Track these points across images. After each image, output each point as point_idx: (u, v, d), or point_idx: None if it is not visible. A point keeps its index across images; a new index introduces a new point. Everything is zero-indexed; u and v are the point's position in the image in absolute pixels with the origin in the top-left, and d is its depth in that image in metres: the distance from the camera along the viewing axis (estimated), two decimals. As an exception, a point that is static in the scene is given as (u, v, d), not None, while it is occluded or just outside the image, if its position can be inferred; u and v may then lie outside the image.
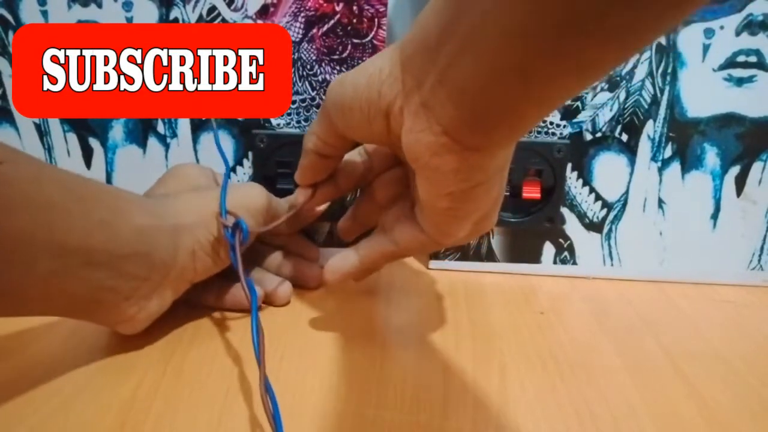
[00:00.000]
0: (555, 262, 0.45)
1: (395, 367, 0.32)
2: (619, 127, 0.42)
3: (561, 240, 0.44)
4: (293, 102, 0.42)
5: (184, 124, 0.43)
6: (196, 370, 0.31)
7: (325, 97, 0.30)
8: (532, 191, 0.42)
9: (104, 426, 0.26)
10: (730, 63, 0.40)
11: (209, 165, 0.41)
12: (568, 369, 0.32)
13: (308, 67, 0.41)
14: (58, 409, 0.27)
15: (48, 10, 0.40)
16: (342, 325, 0.36)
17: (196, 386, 0.29)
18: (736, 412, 0.29)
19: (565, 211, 0.43)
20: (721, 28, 0.39)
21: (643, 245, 0.44)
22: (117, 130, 0.43)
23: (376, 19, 0.40)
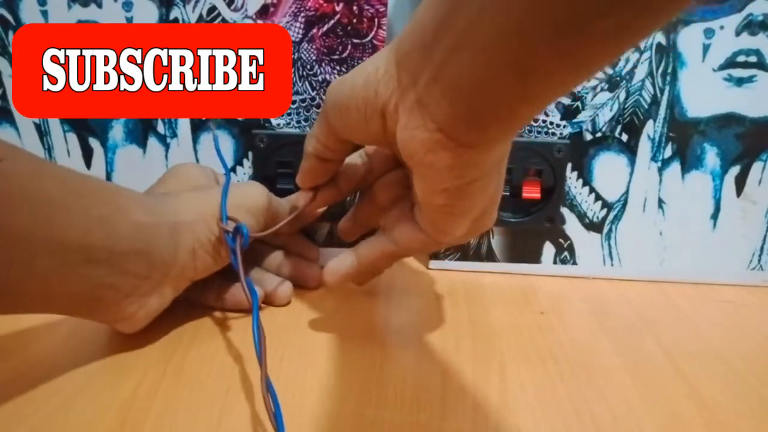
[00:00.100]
0: (555, 262, 0.45)
1: (395, 367, 0.32)
2: (619, 127, 0.42)
3: (561, 240, 0.44)
4: (293, 102, 0.42)
5: (184, 124, 0.43)
6: (196, 370, 0.31)
7: (324, 99, 0.30)
8: (532, 191, 0.42)
9: (104, 426, 0.26)
10: (730, 63, 0.40)
11: (209, 165, 0.41)
12: (568, 369, 0.32)
13: (308, 67, 0.41)
14: (58, 409, 0.27)
15: (48, 10, 0.40)
16: (342, 325, 0.36)
17: (196, 386, 0.29)
18: (736, 412, 0.29)
19: (565, 211, 0.43)
20: (721, 28, 0.39)
21: (643, 245, 0.44)
22: (117, 130, 0.43)
23: (376, 19, 0.40)
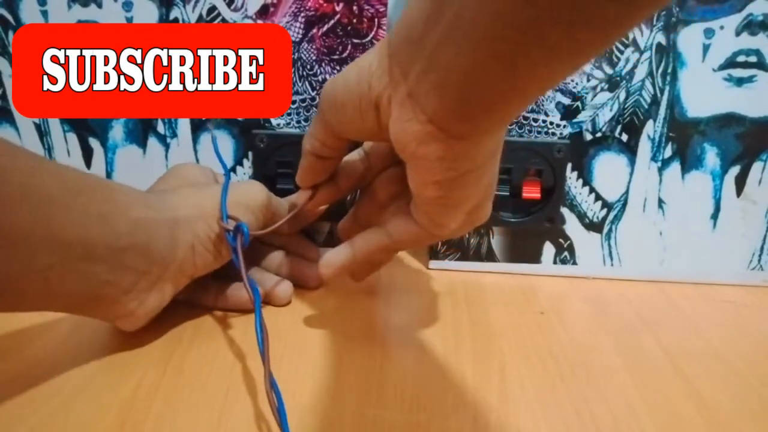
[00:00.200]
0: (555, 262, 0.45)
1: (395, 367, 0.32)
2: (619, 127, 0.42)
3: (561, 240, 0.44)
4: (293, 102, 0.42)
5: (184, 124, 0.43)
6: (197, 370, 0.31)
7: (319, 98, 0.30)
8: (532, 191, 0.42)
9: (104, 425, 0.26)
10: (730, 63, 0.40)
11: (209, 165, 0.41)
12: (568, 369, 0.32)
13: (308, 67, 0.41)
14: (58, 409, 0.27)
15: (48, 10, 0.40)
16: (342, 325, 0.36)
17: (197, 386, 0.29)
18: (736, 412, 0.29)
19: (565, 211, 0.43)
20: (721, 28, 0.39)
21: (643, 245, 0.44)
22: (117, 130, 0.43)
23: (376, 19, 0.40)
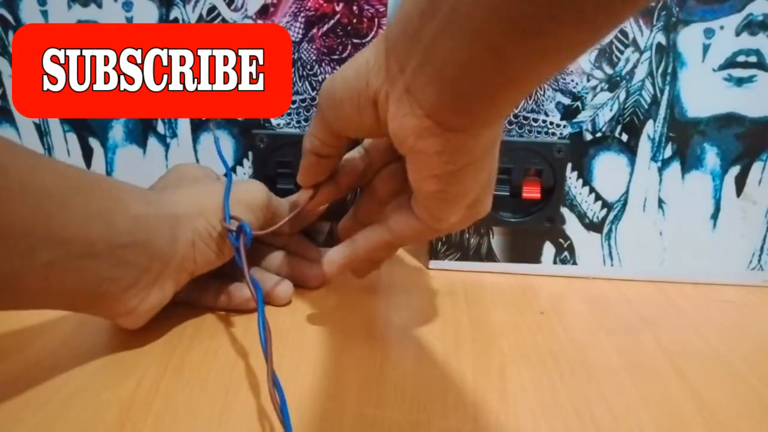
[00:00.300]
0: (555, 262, 0.45)
1: (395, 367, 0.32)
2: (619, 127, 0.42)
3: (561, 240, 0.44)
4: (293, 102, 0.42)
5: (184, 124, 0.43)
6: (197, 369, 0.31)
7: (318, 96, 0.30)
8: (532, 191, 0.42)
9: (104, 425, 0.26)
10: (730, 63, 0.40)
11: (209, 165, 0.41)
12: (568, 369, 0.32)
13: (308, 67, 0.41)
14: (58, 409, 0.27)
15: (48, 10, 0.40)
16: (342, 325, 0.36)
17: (197, 385, 0.29)
18: (736, 412, 0.29)
19: (565, 211, 0.43)
20: (721, 28, 0.39)
21: (643, 245, 0.44)
22: (117, 130, 0.43)
23: (376, 19, 0.40)
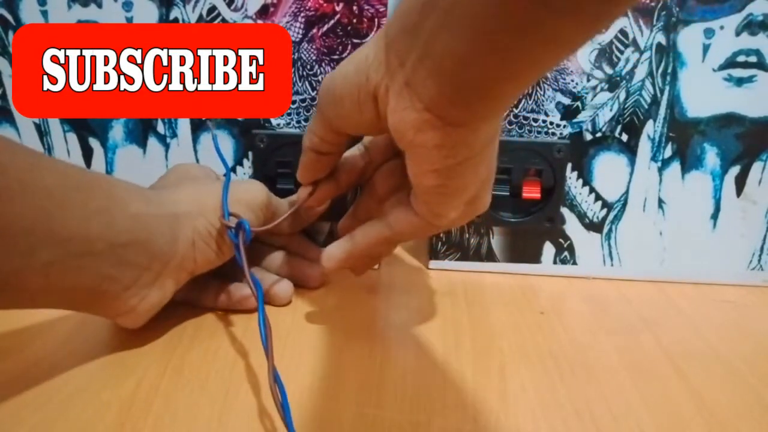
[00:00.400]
0: (555, 262, 0.45)
1: (395, 367, 0.32)
2: (619, 127, 0.42)
3: (561, 240, 0.44)
4: (293, 102, 0.42)
5: (184, 124, 0.43)
6: (197, 369, 0.31)
7: (318, 93, 0.30)
8: (532, 191, 0.42)
9: (104, 425, 0.26)
10: (730, 63, 0.40)
11: (209, 165, 0.41)
12: (568, 369, 0.32)
13: (308, 67, 0.41)
14: (58, 409, 0.27)
15: (48, 10, 0.40)
16: (342, 324, 0.36)
17: (197, 385, 0.29)
18: (736, 412, 0.29)
19: (565, 211, 0.43)
20: (721, 28, 0.39)
21: (643, 245, 0.44)
22: (117, 130, 0.43)
23: (376, 19, 0.40)
